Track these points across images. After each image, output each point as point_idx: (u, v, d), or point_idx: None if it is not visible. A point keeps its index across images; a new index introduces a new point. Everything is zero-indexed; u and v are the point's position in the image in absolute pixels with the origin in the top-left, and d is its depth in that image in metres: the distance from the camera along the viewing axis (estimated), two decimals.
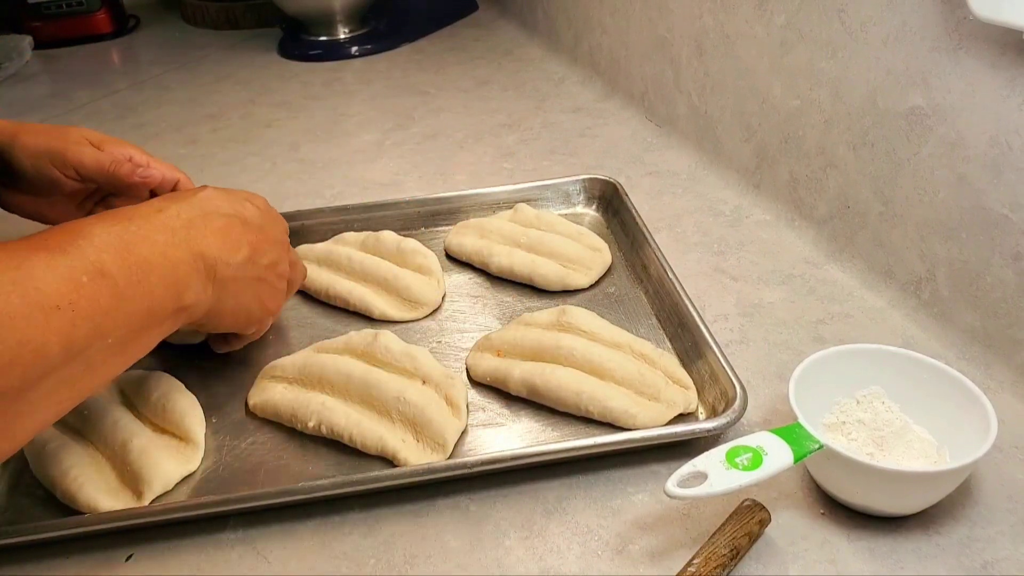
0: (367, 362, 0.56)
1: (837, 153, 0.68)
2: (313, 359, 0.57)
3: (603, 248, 0.70)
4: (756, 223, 0.75)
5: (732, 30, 0.78)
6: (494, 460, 0.49)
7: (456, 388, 0.54)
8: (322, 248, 0.71)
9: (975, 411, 0.46)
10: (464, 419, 0.54)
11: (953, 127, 0.56)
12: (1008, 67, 0.52)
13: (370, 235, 0.71)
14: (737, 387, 0.51)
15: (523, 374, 0.55)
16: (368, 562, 0.46)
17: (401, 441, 0.51)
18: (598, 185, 0.77)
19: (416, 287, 0.65)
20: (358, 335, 0.59)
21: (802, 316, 0.63)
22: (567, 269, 0.67)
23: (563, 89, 1.09)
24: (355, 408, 0.54)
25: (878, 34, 0.61)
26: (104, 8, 1.44)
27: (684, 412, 0.53)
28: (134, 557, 0.47)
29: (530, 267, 0.67)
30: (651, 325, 0.62)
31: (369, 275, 0.67)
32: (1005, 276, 0.54)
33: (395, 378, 0.54)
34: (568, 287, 0.66)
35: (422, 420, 0.52)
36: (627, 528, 0.47)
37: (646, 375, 0.54)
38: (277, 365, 0.58)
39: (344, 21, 1.31)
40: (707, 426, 0.49)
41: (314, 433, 0.53)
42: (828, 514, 0.47)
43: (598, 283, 0.67)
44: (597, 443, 0.49)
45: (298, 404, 0.54)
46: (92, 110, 1.13)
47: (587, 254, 0.68)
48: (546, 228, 0.71)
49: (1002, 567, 0.43)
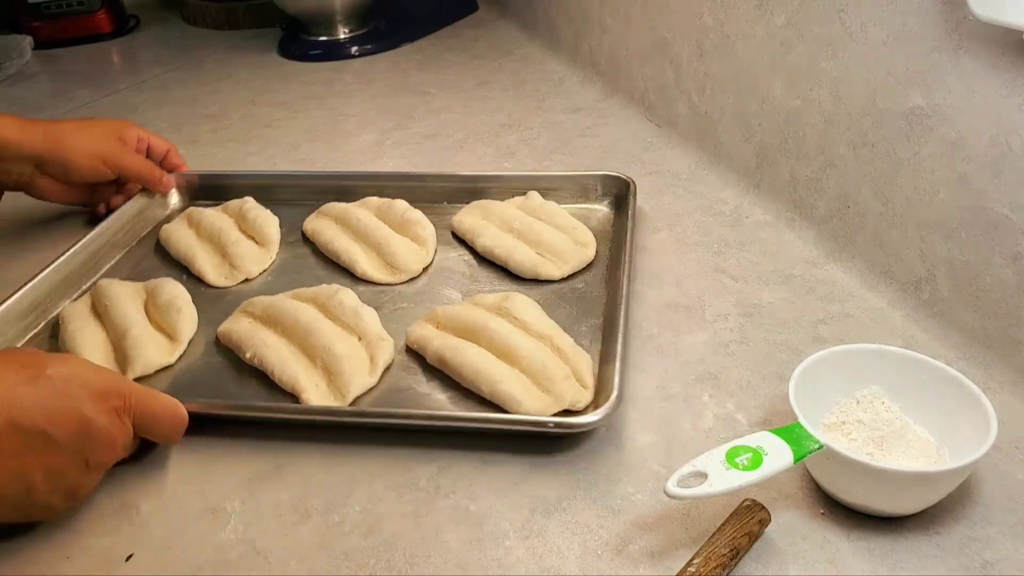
0: (322, 312, 0.62)
1: (837, 153, 0.68)
2: (279, 302, 0.63)
3: (590, 244, 0.71)
4: (756, 223, 0.75)
5: (732, 30, 0.78)
6: (360, 413, 0.55)
7: (381, 349, 0.59)
8: (342, 207, 0.77)
9: (975, 411, 0.46)
10: (376, 378, 0.58)
11: (953, 127, 0.56)
12: (1008, 67, 0.52)
13: (385, 201, 0.77)
14: (612, 395, 0.51)
15: (439, 347, 0.58)
16: (368, 562, 0.46)
17: (314, 385, 0.56)
18: (613, 182, 0.78)
19: (401, 254, 0.70)
20: (326, 288, 0.65)
21: (802, 316, 0.63)
22: (542, 259, 0.69)
23: (563, 89, 1.09)
24: (290, 349, 0.59)
25: (878, 34, 0.61)
26: (104, 8, 1.44)
27: (571, 408, 0.54)
28: (134, 557, 0.47)
29: (507, 252, 0.69)
30: (594, 325, 0.63)
31: (366, 237, 0.73)
32: (1005, 276, 0.54)
33: (336, 330, 0.60)
34: (539, 276, 0.68)
35: (336, 370, 0.57)
36: (627, 528, 0.47)
37: (548, 367, 0.55)
38: (254, 302, 0.64)
39: (344, 21, 1.31)
40: (548, 420, 0.51)
41: (250, 363, 0.60)
42: (828, 514, 0.47)
43: (572, 276, 0.68)
44: (443, 415, 0.55)
45: (245, 336, 0.61)
46: (92, 110, 1.13)
47: (570, 248, 0.69)
48: (546, 218, 0.73)
49: (1002, 567, 0.43)
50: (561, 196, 0.78)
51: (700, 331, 0.62)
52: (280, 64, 1.28)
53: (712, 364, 0.59)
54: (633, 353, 0.60)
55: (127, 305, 0.64)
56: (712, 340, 0.61)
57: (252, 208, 0.78)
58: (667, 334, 0.62)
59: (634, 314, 0.64)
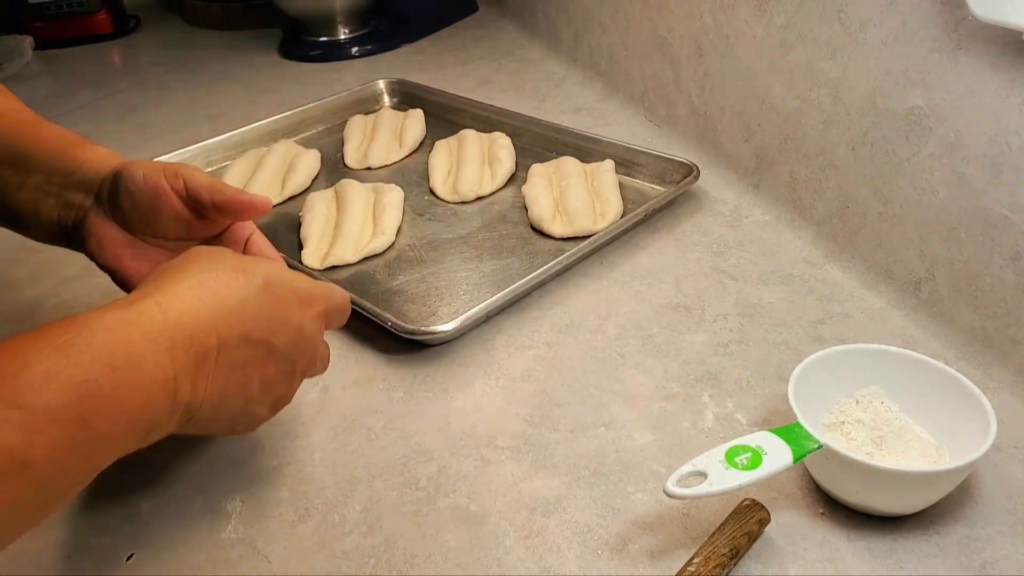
0: (375, 200, 0.80)
1: (837, 153, 0.68)
2: (348, 184, 0.81)
3: (607, 218, 0.74)
4: (756, 223, 0.75)
5: (732, 30, 0.78)
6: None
7: (376, 240, 0.74)
8: (466, 132, 0.92)
9: (974, 411, 0.46)
10: (355, 258, 0.72)
11: (952, 127, 0.56)
12: (1008, 67, 0.52)
13: (497, 135, 0.91)
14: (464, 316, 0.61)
15: None
16: (368, 562, 0.46)
17: (316, 245, 0.74)
18: (680, 167, 0.81)
19: (465, 180, 0.83)
20: (385, 185, 0.82)
21: (801, 316, 0.63)
22: (552, 216, 0.76)
23: (563, 89, 1.09)
24: (327, 219, 0.77)
25: (877, 34, 0.61)
26: (105, 9, 1.44)
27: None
28: (134, 557, 0.47)
29: (532, 201, 0.78)
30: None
31: (457, 158, 0.88)
32: (1004, 276, 0.54)
33: (366, 215, 0.78)
34: (541, 229, 0.75)
35: (335, 241, 0.73)
36: (627, 528, 0.47)
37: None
38: (343, 181, 0.83)
39: (344, 22, 1.31)
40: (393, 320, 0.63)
41: (300, 220, 0.78)
42: (828, 514, 0.47)
43: (573, 239, 0.73)
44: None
45: (310, 201, 0.79)
46: (93, 110, 1.13)
47: (584, 214, 0.75)
48: (597, 185, 0.80)
49: (1001, 567, 0.43)
50: (639, 171, 0.84)
51: (700, 331, 0.62)
52: (280, 65, 1.28)
53: (712, 364, 0.59)
54: (633, 353, 0.60)
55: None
56: (712, 340, 0.61)
57: (412, 118, 0.97)
58: (667, 334, 0.62)
59: (634, 314, 0.64)
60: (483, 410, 0.56)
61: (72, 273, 0.73)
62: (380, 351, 0.62)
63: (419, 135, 0.95)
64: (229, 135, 0.93)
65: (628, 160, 0.84)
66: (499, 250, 0.74)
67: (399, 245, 0.75)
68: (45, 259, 0.75)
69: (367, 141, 0.94)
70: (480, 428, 0.55)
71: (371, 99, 1.06)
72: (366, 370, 0.61)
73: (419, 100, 1.04)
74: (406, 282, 0.70)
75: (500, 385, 0.58)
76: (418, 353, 0.62)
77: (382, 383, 0.59)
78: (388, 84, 1.08)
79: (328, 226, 0.76)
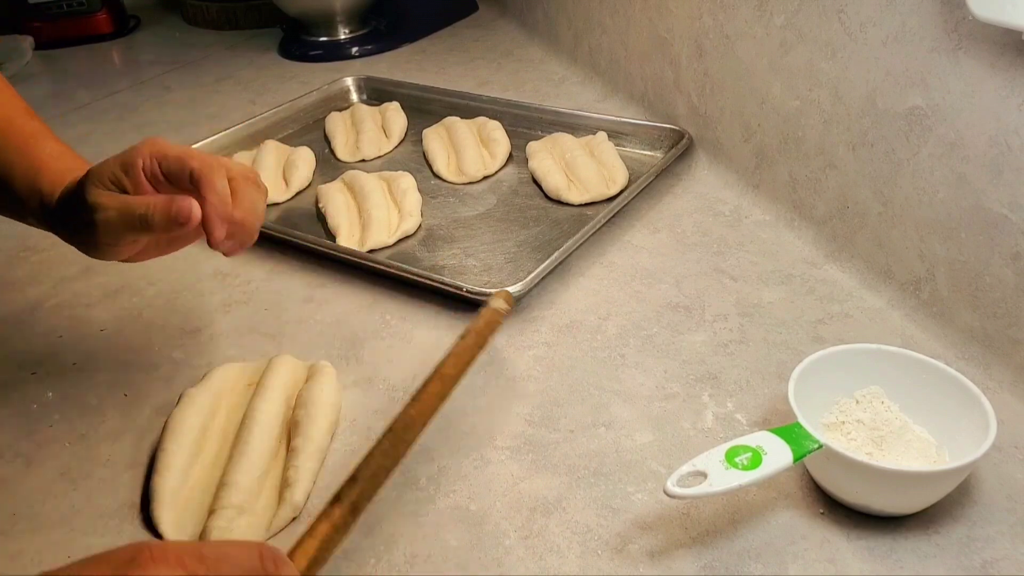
0: (388, 187, 0.81)
1: (836, 153, 0.68)
2: (360, 175, 0.82)
3: (618, 182, 0.80)
4: (756, 223, 0.75)
5: (732, 30, 0.78)
6: (352, 253, 0.71)
7: (406, 222, 0.75)
8: (453, 120, 0.95)
9: (974, 411, 0.46)
10: (392, 239, 0.74)
11: (952, 127, 0.56)
12: (1008, 67, 0.52)
13: (484, 120, 0.95)
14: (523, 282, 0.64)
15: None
16: (368, 562, 0.46)
17: (350, 233, 0.75)
18: (671, 134, 0.87)
19: (470, 161, 0.86)
20: (397, 172, 0.84)
21: (801, 316, 0.63)
22: (569, 185, 0.80)
23: (563, 89, 1.09)
24: (348, 207, 0.78)
25: (877, 35, 0.61)
26: (105, 9, 1.44)
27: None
28: None
29: (545, 175, 0.82)
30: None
31: (454, 143, 0.90)
32: (1004, 276, 0.54)
33: (387, 201, 0.79)
34: (560, 198, 0.79)
35: (368, 226, 0.75)
36: (627, 527, 0.47)
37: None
38: (349, 172, 0.84)
39: (344, 21, 1.31)
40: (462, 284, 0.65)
41: (321, 212, 0.79)
42: (827, 514, 0.47)
43: (589, 205, 0.79)
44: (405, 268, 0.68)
45: (324, 192, 0.81)
46: (93, 110, 1.13)
47: (597, 182, 0.80)
48: (597, 155, 0.84)
49: (1001, 567, 0.43)
50: (629, 140, 0.89)
51: (700, 331, 0.62)
52: (280, 64, 1.28)
53: (712, 364, 0.59)
54: (633, 353, 0.60)
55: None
56: (712, 340, 0.61)
57: (392, 110, 1.00)
58: (666, 334, 0.62)
59: (634, 314, 0.64)
60: (483, 410, 0.56)
61: (72, 273, 0.73)
62: (380, 350, 0.62)
63: (403, 125, 0.97)
64: (222, 134, 0.93)
65: (615, 131, 0.90)
66: (524, 221, 0.78)
67: (427, 225, 0.78)
68: (45, 259, 0.75)
69: (353, 135, 0.96)
70: (480, 428, 0.55)
71: (340, 96, 1.08)
72: (366, 370, 0.61)
73: (388, 95, 1.06)
74: (449, 256, 0.73)
75: (500, 385, 0.58)
76: (417, 353, 0.62)
77: (382, 383, 0.59)
78: (355, 81, 1.09)
79: (351, 214, 0.78)
